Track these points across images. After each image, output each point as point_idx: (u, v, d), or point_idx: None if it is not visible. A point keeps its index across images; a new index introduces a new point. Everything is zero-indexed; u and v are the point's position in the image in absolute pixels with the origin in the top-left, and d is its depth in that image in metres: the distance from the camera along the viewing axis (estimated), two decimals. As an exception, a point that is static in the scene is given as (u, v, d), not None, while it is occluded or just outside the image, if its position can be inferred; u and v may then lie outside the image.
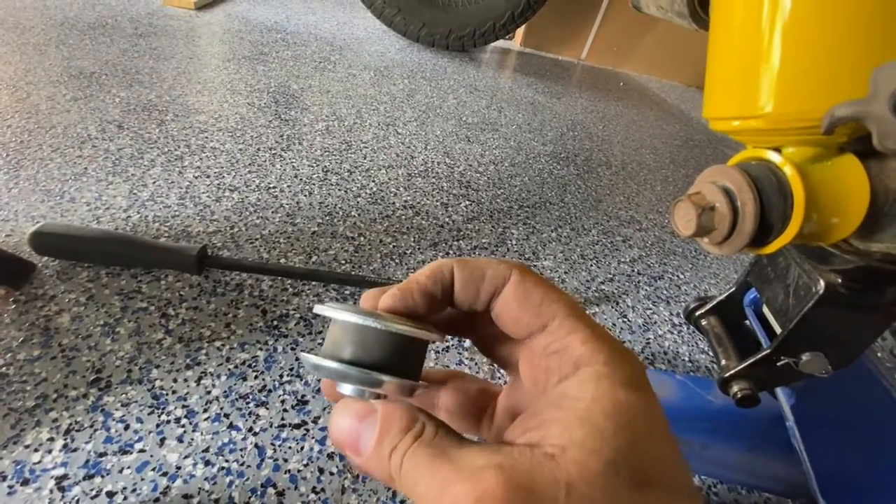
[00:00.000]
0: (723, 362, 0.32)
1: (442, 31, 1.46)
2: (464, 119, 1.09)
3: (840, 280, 0.24)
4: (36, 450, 0.34)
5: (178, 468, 0.35)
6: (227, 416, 0.39)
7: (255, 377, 0.43)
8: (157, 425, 0.38)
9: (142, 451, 0.36)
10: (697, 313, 0.36)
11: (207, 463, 0.36)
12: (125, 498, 0.33)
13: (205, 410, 0.39)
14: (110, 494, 0.33)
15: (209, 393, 0.41)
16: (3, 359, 0.39)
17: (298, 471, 0.37)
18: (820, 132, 0.19)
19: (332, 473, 0.37)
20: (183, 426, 0.38)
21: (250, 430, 0.39)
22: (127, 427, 0.37)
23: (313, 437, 0.39)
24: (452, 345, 0.51)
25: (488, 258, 0.17)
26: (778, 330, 0.29)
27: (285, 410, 0.41)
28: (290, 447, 0.38)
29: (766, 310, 0.31)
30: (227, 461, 0.36)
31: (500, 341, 0.19)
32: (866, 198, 0.20)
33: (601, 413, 0.13)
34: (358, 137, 0.89)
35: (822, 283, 0.25)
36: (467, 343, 0.51)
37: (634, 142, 1.24)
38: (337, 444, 0.15)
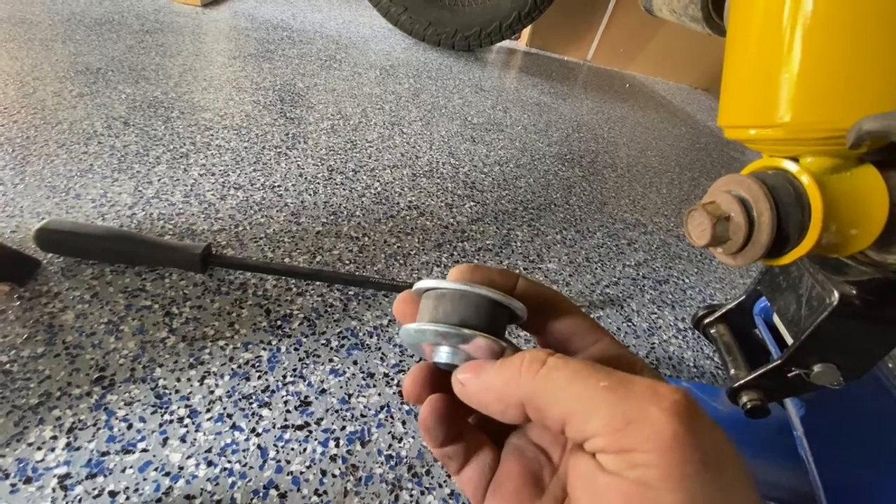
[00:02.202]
0: (732, 372, 0.31)
1: (448, 31, 1.46)
2: (469, 119, 1.08)
3: (855, 291, 0.24)
4: (39, 448, 0.34)
5: (181, 468, 0.35)
6: (229, 416, 0.39)
7: (259, 377, 0.43)
8: (160, 425, 0.37)
9: (144, 450, 0.36)
10: (706, 321, 0.36)
11: (210, 463, 0.36)
12: (127, 498, 0.33)
13: (208, 410, 0.39)
14: (112, 494, 0.33)
15: (212, 393, 0.40)
16: (7, 356, 0.39)
17: (301, 472, 0.37)
18: (840, 142, 0.19)
19: (334, 476, 0.37)
20: (186, 426, 0.38)
21: (253, 430, 0.39)
22: (130, 426, 0.37)
23: (316, 439, 0.39)
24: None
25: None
26: (789, 340, 0.28)
27: (288, 411, 0.41)
28: (292, 448, 0.38)
29: (776, 319, 0.30)
30: (229, 462, 0.36)
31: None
32: (885, 209, 0.20)
33: None
34: (363, 136, 0.89)
35: (836, 294, 0.24)
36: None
37: (640, 144, 1.23)
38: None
